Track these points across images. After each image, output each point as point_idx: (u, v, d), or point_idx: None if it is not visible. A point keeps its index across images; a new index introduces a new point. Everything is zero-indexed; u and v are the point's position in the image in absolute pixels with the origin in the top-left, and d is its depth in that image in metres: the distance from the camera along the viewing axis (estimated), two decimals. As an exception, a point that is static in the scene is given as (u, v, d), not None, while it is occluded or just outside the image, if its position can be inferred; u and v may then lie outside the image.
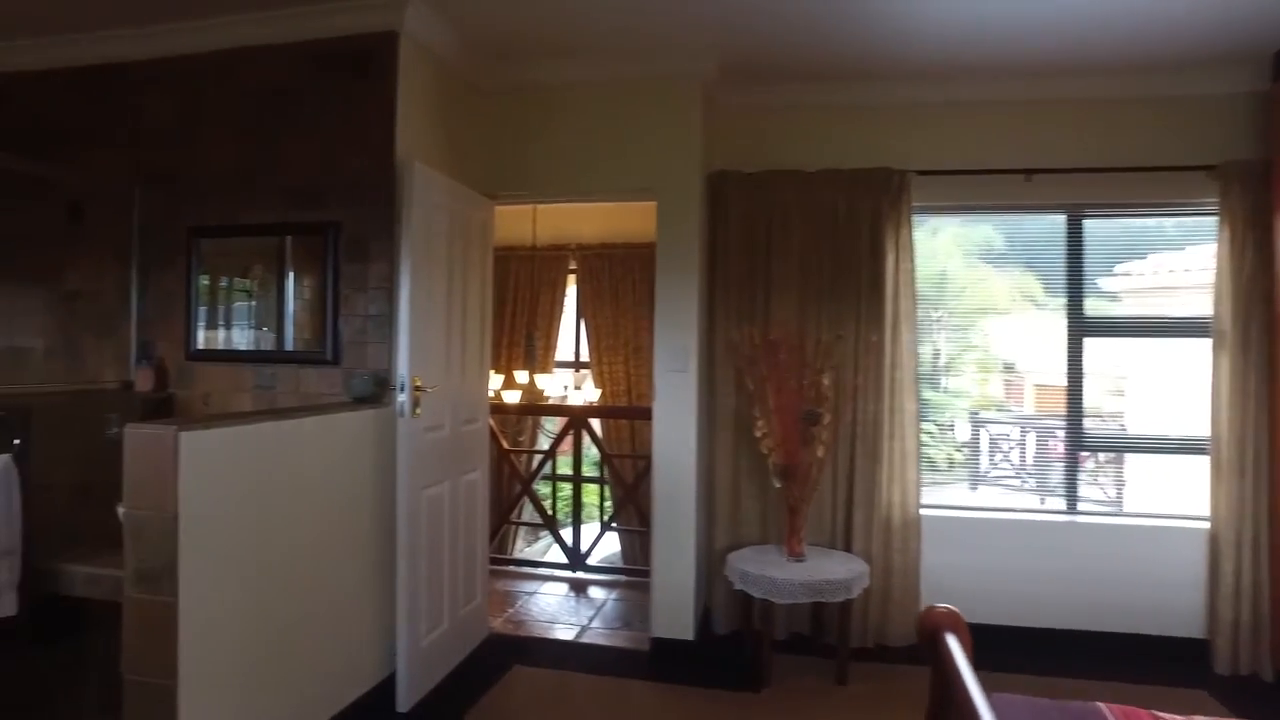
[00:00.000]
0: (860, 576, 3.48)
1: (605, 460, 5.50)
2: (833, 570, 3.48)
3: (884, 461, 3.84)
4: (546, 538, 6.33)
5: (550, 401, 5.96)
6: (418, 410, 3.09)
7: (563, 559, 5.21)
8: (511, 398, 5.62)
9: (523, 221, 6.29)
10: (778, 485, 3.68)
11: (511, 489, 5.56)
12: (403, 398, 3.03)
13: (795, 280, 3.96)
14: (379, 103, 3.18)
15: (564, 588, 4.88)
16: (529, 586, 4.85)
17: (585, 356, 6.85)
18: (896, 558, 3.83)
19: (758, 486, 3.98)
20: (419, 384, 3.09)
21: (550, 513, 5.24)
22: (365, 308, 3.18)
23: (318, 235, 3.24)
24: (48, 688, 2.96)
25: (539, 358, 6.31)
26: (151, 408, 3.31)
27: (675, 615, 3.75)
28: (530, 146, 3.87)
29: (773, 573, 3.43)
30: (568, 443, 5.34)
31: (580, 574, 5.08)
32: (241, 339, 3.40)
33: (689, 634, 3.74)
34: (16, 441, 2.72)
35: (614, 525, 5.46)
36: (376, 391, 3.09)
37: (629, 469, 5.74)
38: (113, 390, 3.36)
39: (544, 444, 6.64)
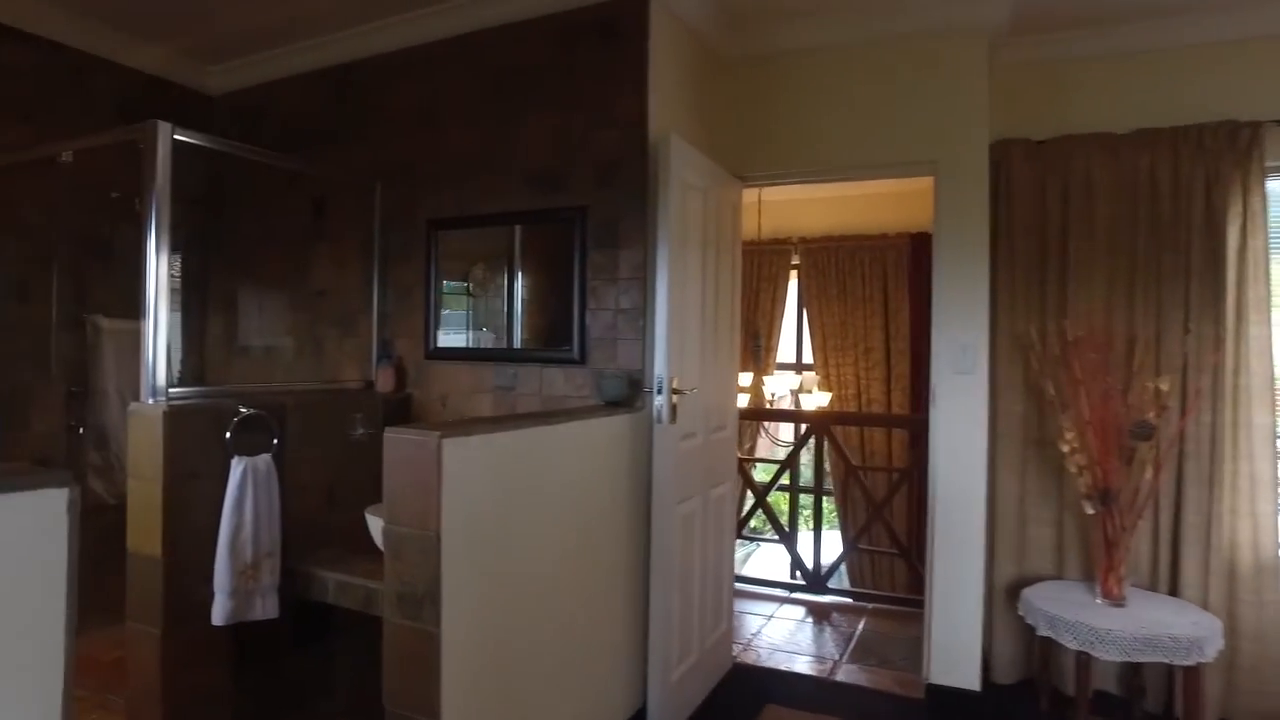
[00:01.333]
0: (1212, 635, 2.76)
1: (850, 472, 4.96)
2: (1171, 622, 2.79)
3: (1224, 488, 3.08)
4: (746, 547, 5.90)
5: (773, 405, 5.51)
6: (675, 416, 2.74)
7: (778, 575, 4.74)
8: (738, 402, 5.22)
9: (746, 212, 5.89)
10: (1090, 511, 3.03)
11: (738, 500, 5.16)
12: (660, 401, 2.69)
13: (1101, 264, 3.27)
14: (629, 74, 2.86)
15: (800, 611, 4.42)
16: (761, 608, 4.43)
17: (807, 357, 6.36)
18: (1246, 612, 3.05)
19: (1050, 510, 3.33)
20: (677, 386, 2.73)
21: (787, 529, 4.77)
22: (616, 300, 2.87)
23: (562, 222, 2.97)
24: (304, 693, 2.86)
25: (762, 359, 5.89)
26: (391, 409, 3.17)
27: (956, 659, 3.18)
28: (782, 121, 3.44)
29: (1092, 619, 2.79)
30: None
31: (818, 596, 4.59)
32: (480, 336, 3.20)
33: (974, 683, 3.16)
34: (275, 441, 2.61)
35: (858, 545, 4.92)
36: (629, 394, 2.76)
37: (879, 483, 5.20)
38: (355, 390, 3.26)
39: (763, 450, 6.21)
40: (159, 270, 2.49)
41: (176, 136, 2.56)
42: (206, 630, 2.47)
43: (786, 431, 6.59)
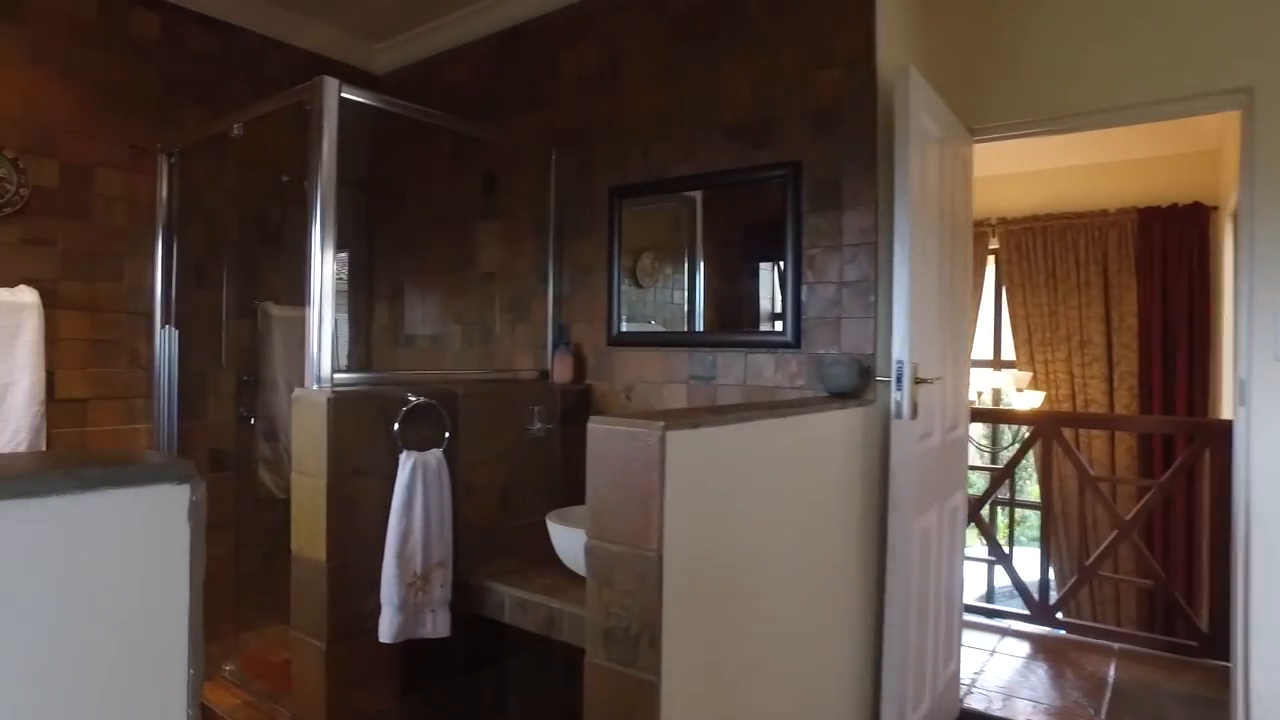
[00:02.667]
0: None
1: (1089, 483, 4.21)
2: None
3: None
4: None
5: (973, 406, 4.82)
6: (917, 410, 2.21)
7: (988, 600, 4.06)
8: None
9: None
10: None
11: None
12: (899, 394, 2.17)
13: None
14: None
15: (1024, 646, 3.73)
16: (979, 640, 3.78)
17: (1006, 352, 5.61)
18: None
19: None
20: (921, 374, 2.21)
21: (1005, 549, 4.10)
22: (839, 272, 2.38)
23: (770, 181, 2.51)
24: (471, 724, 2.54)
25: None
26: (570, 402, 2.81)
27: (1278, 730, 2.46)
28: (1024, 57, 2.81)
29: None
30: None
31: (1047, 629, 3.89)
32: (670, 318, 2.79)
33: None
34: (447, 434, 2.29)
35: (1098, 570, 4.17)
36: (859, 384, 2.26)
37: (1125, 497, 4.44)
38: (529, 380, 2.93)
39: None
40: (324, 242, 2.23)
41: (344, 94, 2.31)
42: (373, 646, 2.17)
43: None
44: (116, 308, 3.04)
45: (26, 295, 2.78)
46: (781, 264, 2.47)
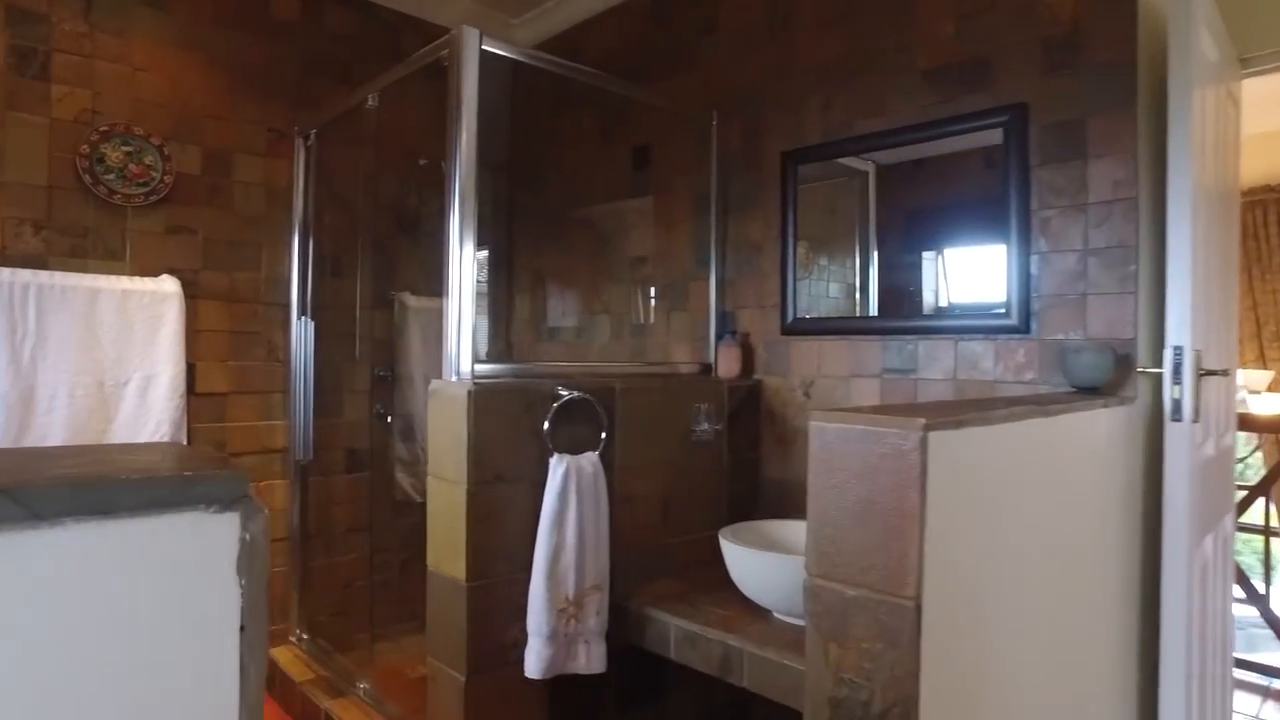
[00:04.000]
0: None
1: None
2: None
3: None
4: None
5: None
6: (1198, 411, 1.70)
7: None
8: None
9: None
10: None
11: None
12: (1178, 389, 1.67)
13: None
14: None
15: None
16: (1241, 703, 3.11)
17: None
18: None
19: None
20: (1206, 366, 1.70)
21: (1262, 590, 3.39)
22: (1083, 238, 1.89)
23: (983, 131, 2.06)
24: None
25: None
26: (738, 399, 2.44)
27: None
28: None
29: None
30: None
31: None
32: (859, 301, 2.37)
33: None
34: (604, 436, 1.97)
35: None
36: (1114, 376, 1.78)
37: None
38: (689, 375, 2.57)
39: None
40: (463, 216, 1.95)
41: (485, 47, 2.03)
42: (518, 681, 1.87)
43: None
44: (254, 298, 2.91)
45: (169, 285, 2.67)
46: (1006, 229, 2.00)
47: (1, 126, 2.46)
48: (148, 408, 2.61)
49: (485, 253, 3.45)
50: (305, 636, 2.96)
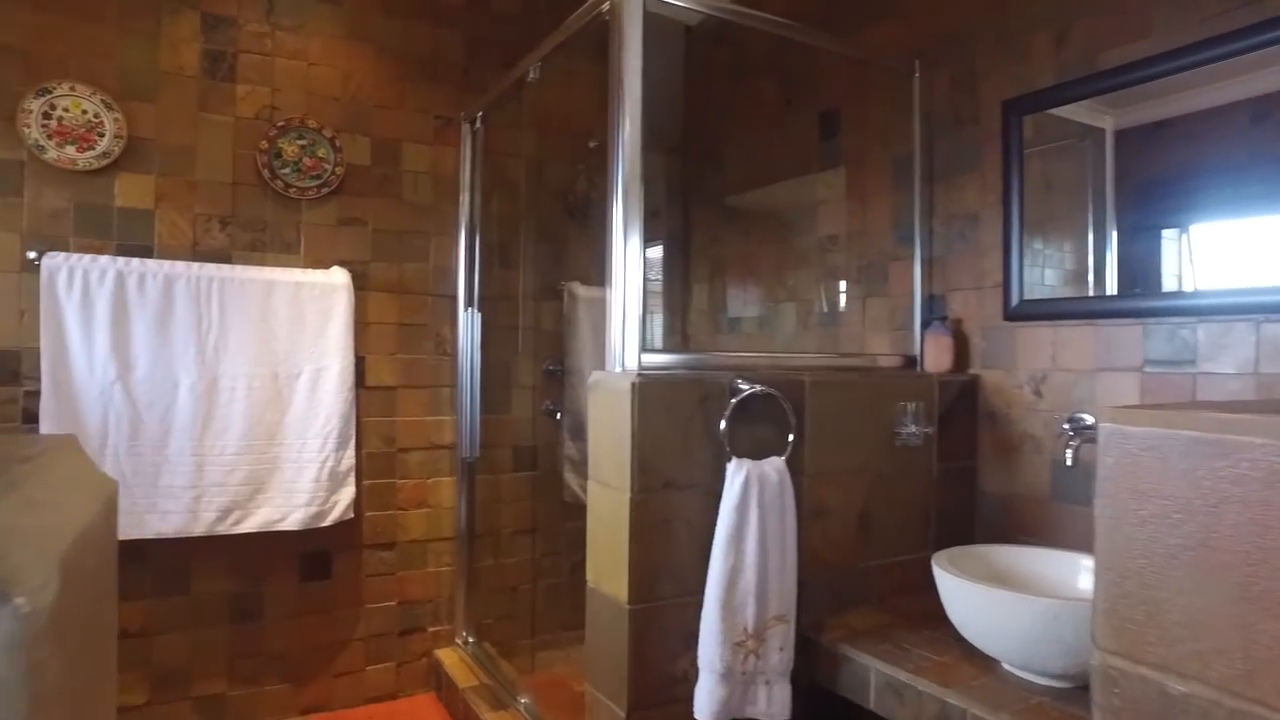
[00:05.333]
0: None
1: None
2: None
3: None
4: None
5: None
6: None
7: None
8: None
9: None
10: None
11: None
12: None
13: None
14: None
15: None
16: None
17: None
18: None
19: None
20: None
21: None
22: None
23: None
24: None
25: None
26: (950, 397, 2.05)
27: None
28: None
29: None
30: None
31: None
32: (1104, 278, 1.91)
33: None
34: (791, 439, 1.66)
35: None
36: None
37: None
38: (889, 369, 2.20)
39: None
40: (628, 188, 1.71)
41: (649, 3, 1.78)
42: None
43: None
44: (422, 289, 2.84)
45: (339, 277, 2.65)
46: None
47: (195, 128, 2.52)
48: (318, 400, 2.58)
49: (660, 245, 3.22)
50: (471, 640, 2.86)
